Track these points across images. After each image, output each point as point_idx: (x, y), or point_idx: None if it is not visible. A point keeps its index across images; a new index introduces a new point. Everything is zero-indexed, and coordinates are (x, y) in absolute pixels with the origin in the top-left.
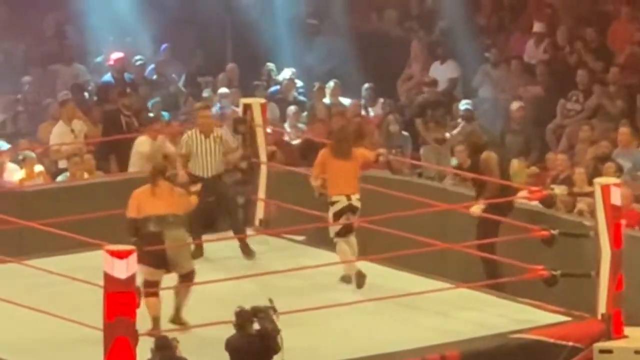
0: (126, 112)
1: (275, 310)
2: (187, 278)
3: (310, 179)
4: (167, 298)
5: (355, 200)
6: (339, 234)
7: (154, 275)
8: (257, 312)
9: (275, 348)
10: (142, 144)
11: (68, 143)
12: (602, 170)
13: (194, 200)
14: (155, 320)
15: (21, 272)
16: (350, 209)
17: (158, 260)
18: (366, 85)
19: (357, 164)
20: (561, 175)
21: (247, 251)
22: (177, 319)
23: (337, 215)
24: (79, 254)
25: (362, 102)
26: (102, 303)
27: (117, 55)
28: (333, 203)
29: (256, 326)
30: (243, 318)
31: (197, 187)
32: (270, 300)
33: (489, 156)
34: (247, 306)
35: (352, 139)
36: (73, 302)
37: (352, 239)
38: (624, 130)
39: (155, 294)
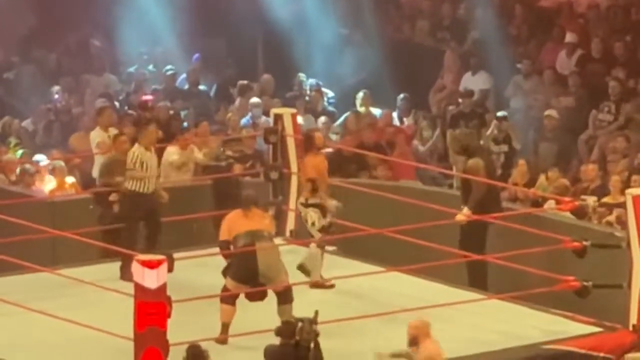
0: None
1: (316, 323)
2: (283, 296)
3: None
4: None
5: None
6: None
7: (237, 289)
8: (300, 322)
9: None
10: (171, 154)
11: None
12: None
13: None
14: (225, 327)
15: (53, 281)
16: None
17: (248, 275)
18: (401, 95)
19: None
20: (592, 185)
21: None
22: None
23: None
24: (110, 263)
25: (397, 112)
26: (133, 313)
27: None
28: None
29: (297, 337)
30: (288, 329)
31: None
32: (316, 312)
33: (476, 163)
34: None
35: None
36: (104, 312)
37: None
38: None
39: (233, 303)
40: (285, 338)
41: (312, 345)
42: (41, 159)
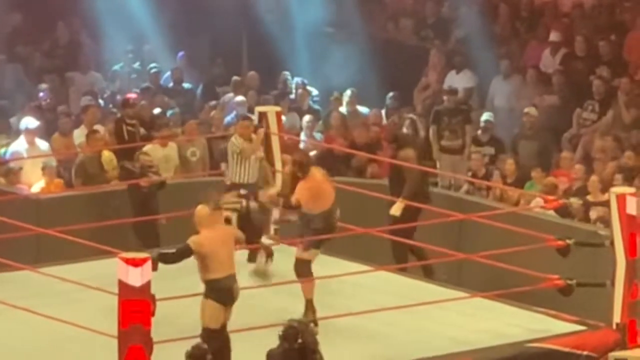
0: (129, 121)
1: (316, 324)
2: None
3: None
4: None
5: None
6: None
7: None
8: (301, 325)
9: None
10: (150, 151)
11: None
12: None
13: None
14: (309, 302)
15: (37, 279)
16: None
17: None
18: (390, 94)
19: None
20: (574, 185)
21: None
22: None
23: None
24: (94, 261)
25: (384, 110)
26: (117, 311)
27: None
28: None
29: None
30: (292, 333)
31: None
32: (314, 314)
33: (407, 154)
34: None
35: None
36: (88, 310)
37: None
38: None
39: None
40: (289, 342)
41: (318, 348)
42: (28, 122)
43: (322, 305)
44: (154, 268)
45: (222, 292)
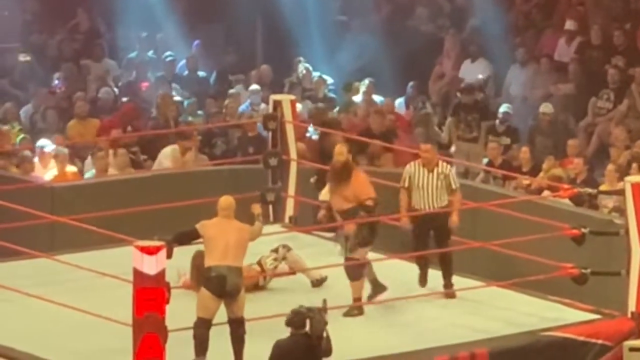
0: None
1: (326, 311)
2: None
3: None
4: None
5: None
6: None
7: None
8: (309, 313)
9: (325, 350)
10: (166, 157)
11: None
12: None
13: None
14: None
15: (52, 267)
16: None
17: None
18: (411, 83)
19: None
20: (579, 178)
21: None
22: None
23: None
24: (109, 249)
25: (404, 99)
26: (132, 299)
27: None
28: None
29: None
30: (298, 319)
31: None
32: (324, 301)
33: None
34: (300, 306)
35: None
36: (103, 298)
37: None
38: None
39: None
40: (295, 329)
41: (323, 335)
42: (45, 144)
43: (338, 294)
44: (169, 255)
45: (211, 280)
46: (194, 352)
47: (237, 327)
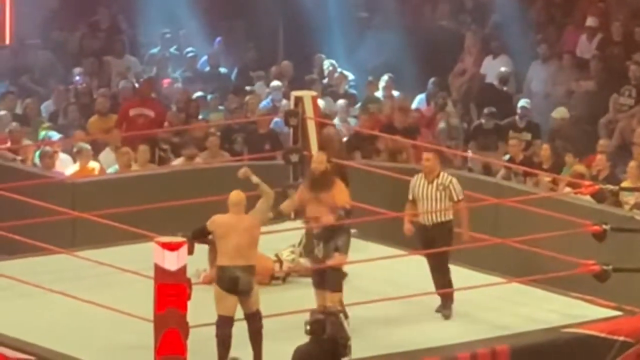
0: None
1: (346, 316)
2: None
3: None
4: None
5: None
6: None
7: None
8: (329, 317)
9: (344, 354)
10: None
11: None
12: None
13: None
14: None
15: (73, 263)
16: None
17: None
18: (432, 79)
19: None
20: (601, 175)
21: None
22: None
23: None
24: (130, 245)
25: (425, 95)
26: (153, 295)
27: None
28: None
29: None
30: (318, 327)
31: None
32: (343, 306)
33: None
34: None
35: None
36: (124, 294)
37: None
38: None
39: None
40: (316, 335)
41: (344, 340)
42: (53, 134)
43: (358, 290)
44: (190, 252)
45: (223, 279)
46: (217, 354)
47: (254, 321)
